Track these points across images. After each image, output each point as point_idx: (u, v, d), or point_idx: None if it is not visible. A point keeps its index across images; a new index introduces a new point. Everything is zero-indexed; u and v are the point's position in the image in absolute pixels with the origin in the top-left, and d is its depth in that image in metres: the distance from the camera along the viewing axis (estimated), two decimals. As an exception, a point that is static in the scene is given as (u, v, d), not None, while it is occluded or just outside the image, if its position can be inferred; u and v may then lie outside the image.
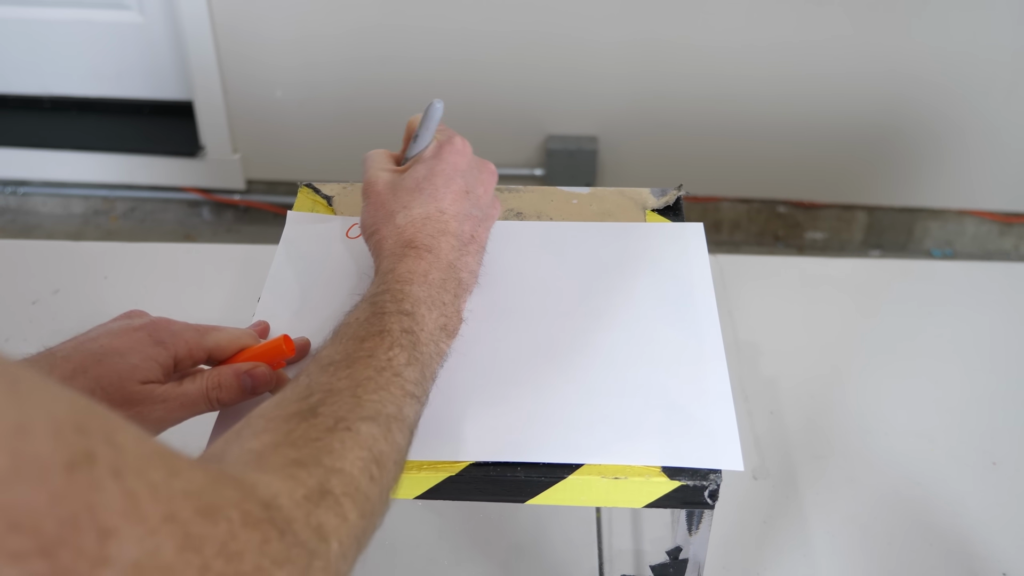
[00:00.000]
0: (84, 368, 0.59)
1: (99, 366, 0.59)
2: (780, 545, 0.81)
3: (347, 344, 0.56)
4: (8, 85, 2.39)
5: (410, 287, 0.62)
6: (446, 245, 0.66)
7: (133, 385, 0.59)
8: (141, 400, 0.59)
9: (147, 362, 0.60)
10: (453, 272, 0.65)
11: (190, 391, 0.61)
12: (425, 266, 0.64)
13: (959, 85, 2.10)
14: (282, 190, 2.39)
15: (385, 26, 2.13)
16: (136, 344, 0.61)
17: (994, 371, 0.97)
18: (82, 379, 0.58)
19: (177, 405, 0.61)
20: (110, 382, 0.59)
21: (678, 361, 0.66)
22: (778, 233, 2.37)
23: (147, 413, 0.60)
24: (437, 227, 0.66)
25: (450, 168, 0.69)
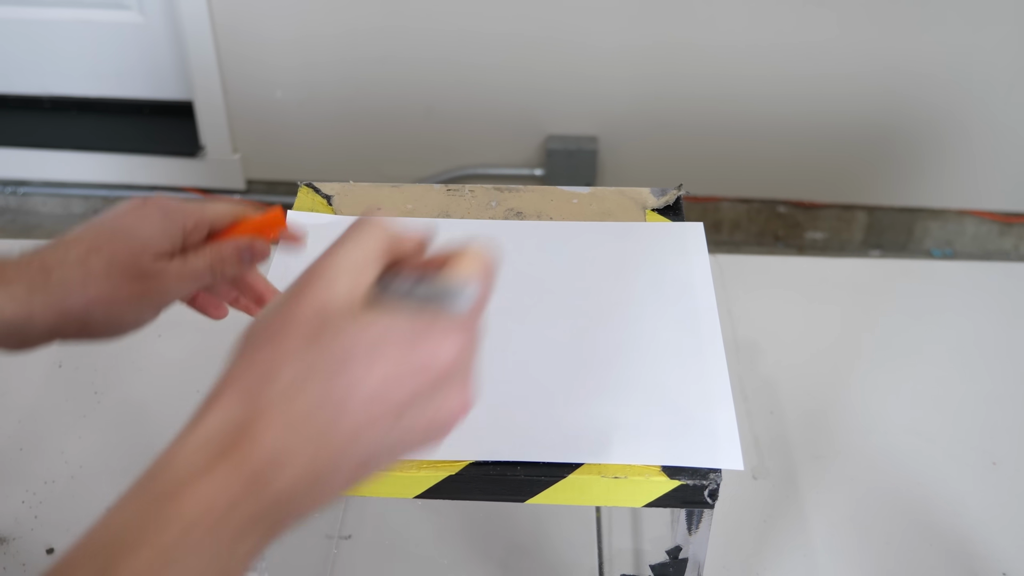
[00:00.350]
0: (98, 246, 0.60)
1: (113, 243, 0.60)
2: (780, 545, 0.81)
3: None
4: (8, 85, 2.40)
5: (167, 545, 0.37)
6: (302, 468, 0.39)
7: (147, 260, 0.60)
8: (155, 275, 0.61)
9: (159, 236, 0.61)
10: (279, 512, 0.40)
11: (197, 265, 0.63)
12: (230, 500, 0.38)
13: (959, 85, 2.10)
14: (282, 190, 2.39)
15: (385, 26, 2.13)
16: (147, 219, 0.62)
17: (994, 371, 0.97)
18: (96, 257, 0.59)
19: (187, 278, 0.62)
20: (124, 258, 0.60)
21: (678, 360, 0.66)
22: (778, 233, 2.37)
23: (157, 287, 0.61)
24: (316, 434, 0.39)
25: (416, 362, 0.41)
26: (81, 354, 0.99)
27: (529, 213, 0.81)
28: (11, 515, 0.83)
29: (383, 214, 0.46)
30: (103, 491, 0.85)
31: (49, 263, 0.59)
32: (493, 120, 2.23)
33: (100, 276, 0.59)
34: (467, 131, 2.26)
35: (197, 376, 0.95)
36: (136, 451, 0.89)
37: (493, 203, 0.82)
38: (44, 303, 0.58)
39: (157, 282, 0.61)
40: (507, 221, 0.80)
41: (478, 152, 2.29)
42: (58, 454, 0.89)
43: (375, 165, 2.32)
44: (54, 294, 0.58)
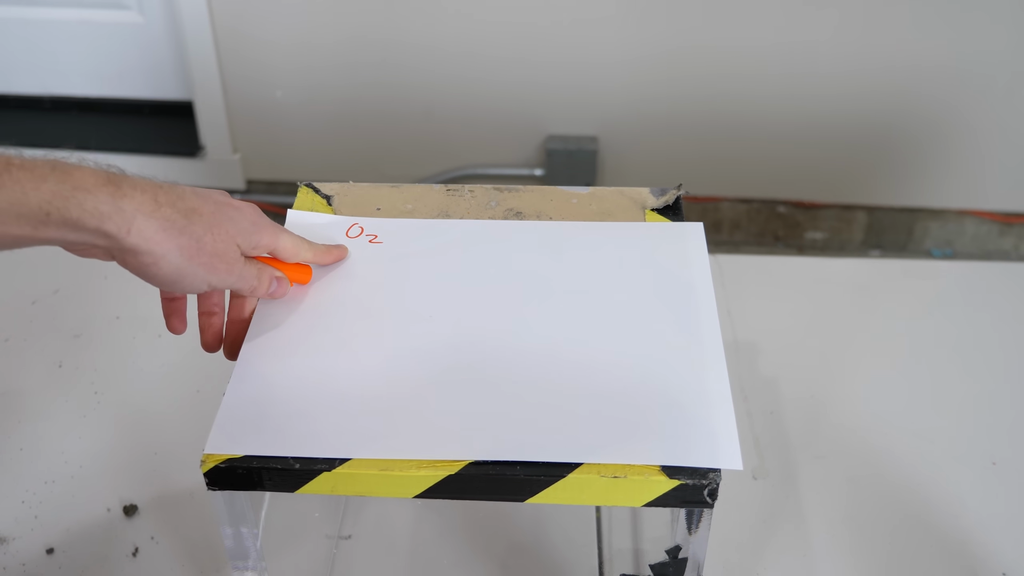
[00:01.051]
0: (202, 211, 0.63)
1: (216, 215, 0.64)
2: (780, 545, 0.81)
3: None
4: (8, 85, 2.40)
5: None
6: None
7: (232, 245, 0.65)
8: (230, 261, 0.65)
9: (243, 235, 0.66)
10: None
11: (249, 273, 0.68)
12: None
13: (959, 85, 2.10)
14: (282, 190, 2.39)
15: (385, 26, 2.13)
16: (242, 216, 0.67)
17: (994, 371, 0.97)
18: (199, 216, 0.63)
19: (239, 277, 0.67)
20: (218, 231, 0.64)
21: (678, 360, 0.66)
22: (778, 233, 2.37)
23: (225, 273, 0.65)
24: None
25: None
26: (81, 354, 0.99)
27: (529, 213, 0.81)
28: (11, 515, 0.83)
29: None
30: (103, 491, 0.85)
31: (161, 199, 0.62)
32: (493, 120, 2.24)
33: (197, 231, 0.63)
34: (467, 131, 2.26)
35: (197, 376, 0.95)
36: (136, 451, 0.89)
37: (493, 203, 0.82)
38: (188, 240, 0.62)
39: (228, 265, 0.65)
40: (507, 221, 0.80)
41: (478, 152, 2.29)
42: (58, 454, 0.89)
43: (375, 165, 2.32)
44: (193, 235, 0.62)
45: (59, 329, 1.02)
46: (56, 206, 0.57)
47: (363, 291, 0.73)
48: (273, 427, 0.62)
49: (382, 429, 0.62)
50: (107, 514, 0.84)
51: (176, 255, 0.62)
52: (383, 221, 0.80)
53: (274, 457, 0.60)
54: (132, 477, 0.86)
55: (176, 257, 0.62)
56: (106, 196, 0.59)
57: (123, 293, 1.05)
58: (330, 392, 0.65)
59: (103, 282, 1.06)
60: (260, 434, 0.62)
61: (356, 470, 0.60)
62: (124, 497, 0.85)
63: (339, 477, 0.60)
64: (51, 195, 0.57)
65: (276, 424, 0.62)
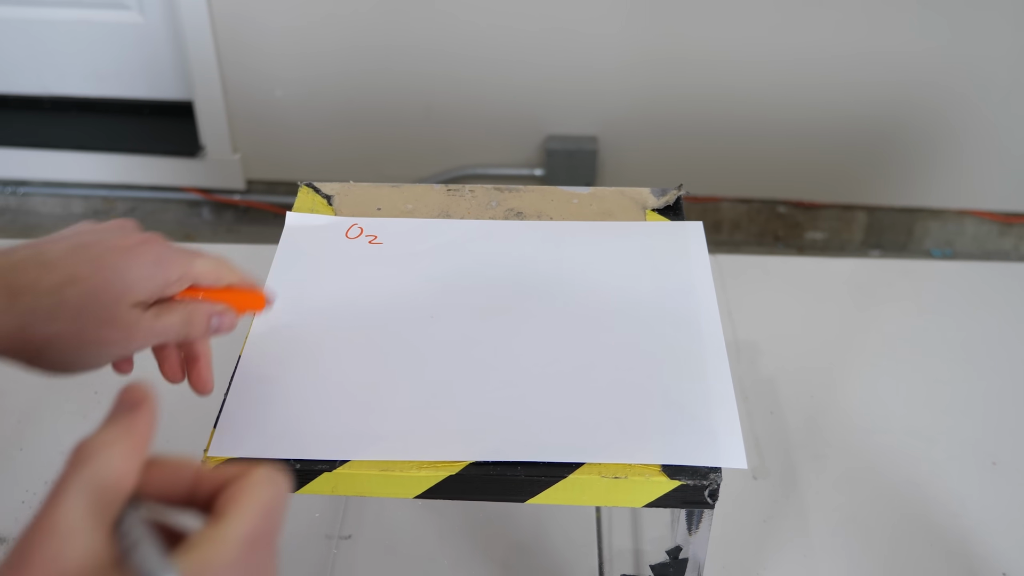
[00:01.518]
0: (77, 278, 0.54)
1: (94, 279, 0.55)
2: (780, 545, 0.81)
3: None
4: (8, 85, 2.40)
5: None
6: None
7: (123, 307, 0.56)
8: (128, 324, 0.56)
9: (143, 283, 0.57)
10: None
11: (169, 322, 0.59)
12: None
13: (959, 85, 2.10)
14: (282, 190, 2.39)
15: (385, 27, 2.13)
16: (137, 262, 0.57)
17: (994, 371, 0.97)
18: (73, 290, 0.54)
19: (152, 334, 0.58)
20: (102, 300, 0.55)
21: (679, 359, 0.66)
22: (778, 233, 2.37)
23: (130, 338, 0.56)
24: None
25: None
26: (81, 354, 0.99)
27: (529, 213, 0.81)
28: (11, 515, 0.83)
29: None
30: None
31: (20, 285, 0.53)
32: (493, 120, 2.24)
33: (70, 313, 0.54)
34: (467, 131, 2.26)
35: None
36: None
37: (493, 203, 0.82)
38: (2, 327, 0.53)
39: (126, 332, 0.56)
40: (507, 221, 0.80)
41: (478, 152, 2.29)
42: (58, 454, 0.89)
43: (375, 165, 2.32)
44: (16, 320, 0.53)
45: (59, 329, 1.01)
46: None
47: (363, 291, 0.73)
48: (274, 428, 0.62)
49: (383, 430, 0.62)
50: (107, 514, 0.83)
51: (57, 344, 0.53)
52: (383, 221, 0.80)
53: (275, 458, 0.60)
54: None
55: (57, 346, 0.54)
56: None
57: (123, 293, 1.05)
58: (331, 393, 0.65)
59: (103, 282, 1.06)
60: (262, 436, 0.62)
61: (357, 470, 0.60)
62: (124, 497, 0.85)
63: (340, 477, 0.60)
64: None
65: (277, 425, 0.62)
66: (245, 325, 0.71)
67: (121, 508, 0.35)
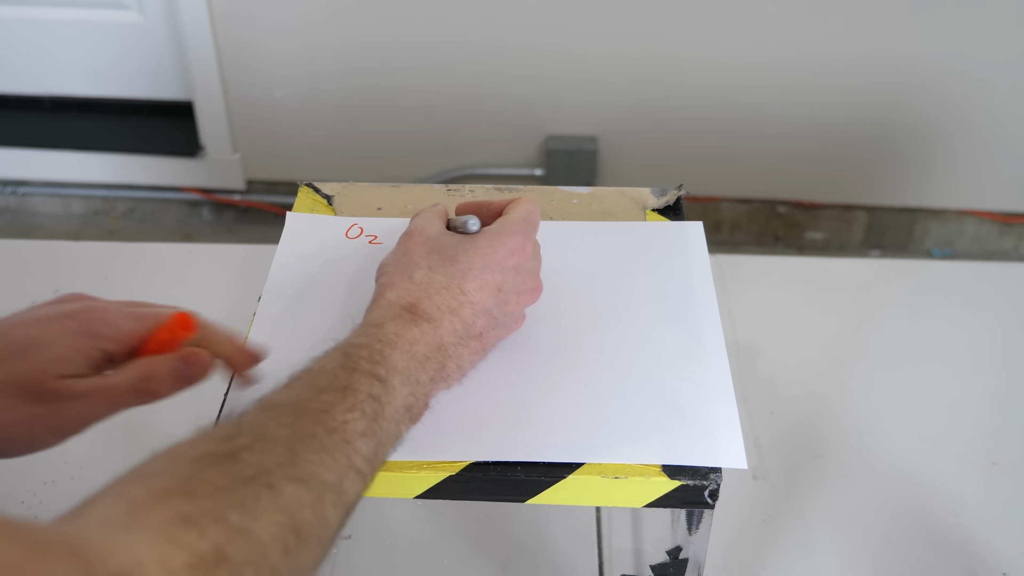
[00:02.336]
0: (1, 359, 0.53)
1: (17, 358, 0.54)
2: (780, 545, 0.81)
3: (301, 390, 0.49)
4: (8, 85, 2.40)
5: (392, 351, 0.54)
6: (448, 325, 0.58)
7: (50, 380, 0.54)
8: (58, 396, 0.54)
9: (72, 354, 0.55)
10: (440, 355, 0.58)
11: (117, 384, 0.55)
12: (416, 334, 0.56)
13: (959, 85, 2.10)
14: (282, 190, 2.39)
15: (385, 26, 2.13)
16: (63, 334, 0.55)
17: (994, 371, 0.97)
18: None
19: (100, 401, 0.55)
20: (26, 375, 0.53)
21: (679, 359, 0.66)
22: (778, 233, 2.37)
23: (64, 411, 0.54)
24: (449, 303, 0.59)
25: (496, 258, 0.61)
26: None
27: (529, 213, 0.81)
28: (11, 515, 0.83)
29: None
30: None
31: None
32: (493, 120, 2.24)
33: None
34: (467, 131, 2.26)
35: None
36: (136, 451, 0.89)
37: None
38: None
39: (62, 403, 0.54)
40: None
41: (478, 152, 2.29)
42: (58, 454, 0.88)
43: (375, 165, 2.32)
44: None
45: (59, 329, 1.01)
46: None
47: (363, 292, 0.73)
48: (273, 427, 0.62)
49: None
50: (107, 514, 0.83)
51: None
52: (383, 221, 0.80)
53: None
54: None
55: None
56: None
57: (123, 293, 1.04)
58: (330, 392, 0.64)
59: (103, 282, 1.06)
60: (260, 434, 0.62)
61: (356, 470, 0.59)
62: (124, 497, 0.85)
63: (339, 477, 0.60)
64: None
65: (276, 424, 0.62)
66: (245, 325, 0.71)
67: (444, 220, 0.67)
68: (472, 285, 0.60)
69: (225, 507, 0.38)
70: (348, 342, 0.55)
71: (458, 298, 0.59)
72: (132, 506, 0.37)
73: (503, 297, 0.61)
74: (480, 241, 0.62)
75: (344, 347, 0.54)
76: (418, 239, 0.63)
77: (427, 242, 0.63)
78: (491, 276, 0.61)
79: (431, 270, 0.60)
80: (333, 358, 0.53)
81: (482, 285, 0.60)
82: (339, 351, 0.54)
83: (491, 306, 0.61)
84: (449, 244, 0.62)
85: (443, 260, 0.61)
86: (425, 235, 0.64)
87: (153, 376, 0.56)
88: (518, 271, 0.62)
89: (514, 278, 0.62)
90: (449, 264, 0.60)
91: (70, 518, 0.37)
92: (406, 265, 0.61)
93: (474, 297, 0.60)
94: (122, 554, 0.33)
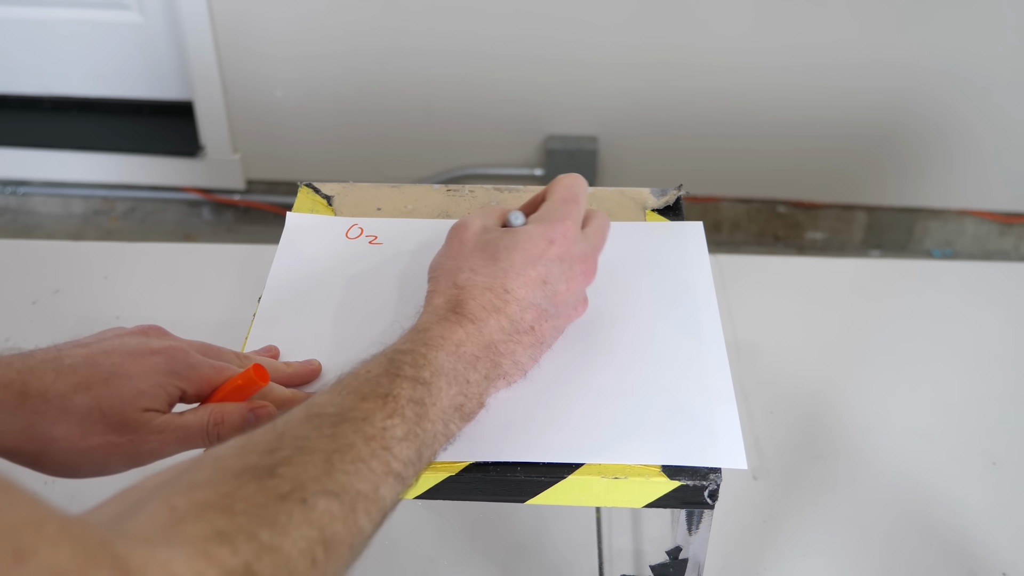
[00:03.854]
0: (89, 385, 0.56)
1: (105, 386, 0.56)
2: (780, 545, 0.81)
3: (346, 398, 0.51)
4: (8, 85, 2.40)
5: (436, 354, 0.56)
6: (495, 324, 0.59)
7: (133, 411, 0.57)
8: (137, 428, 0.57)
9: (155, 389, 0.58)
10: (491, 353, 0.59)
11: (191, 424, 0.59)
12: (462, 336, 0.58)
13: (959, 85, 2.10)
14: (282, 190, 2.39)
15: (385, 26, 2.13)
16: (150, 369, 0.58)
17: (994, 371, 0.97)
18: (84, 396, 0.56)
19: (174, 438, 0.58)
20: (111, 404, 0.56)
21: (679, 360, 0.66)
22: (778, 233, 2.37)
23: (140, 442, 0.57)
24: (493, 303, 0.60)
25: (536, 251, 0.62)
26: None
27: (529, 213, 0.81)
28: (11, 515, 0.83)
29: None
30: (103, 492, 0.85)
31: (32, 389, 0.55)
32: (493, 120, 2.24)
33: (77, 417, 0.55)
34: (467, 131, 2.26)
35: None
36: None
37: (493, 203, 0.82)
38: (6, 425, 0.54)
39: (140, 435, 0.57)
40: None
41: (478, 152, 2.29)
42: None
43: (375, 165, 2.32)
44: (21, 421, 0.55)
45: (59, 329, 1.01)
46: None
47: (363, 292, 0.73)
48: (273, 427, 0.62)
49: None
50: (107, 514, 0.83)
51: (59, 446, 0.55)
52: (383, 221, 0.80)
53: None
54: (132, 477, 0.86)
55: (58, 448, 0.55)
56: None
57: (123, 293, 1.05)
58: (330, 392, 0.64)
59: (103, 282, 1.06)
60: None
61: (356, 470, 0.59)
62: (124, 497, 0.85)
63: (339, 477, 0.60)
64: None
65: (276, 424, 0.62)
66: (245, 326, 0.71)
67: (497, 218, 0.67)
68: (515, 283, 0.61)
69: (258, 525, 0.40)
70: (394, 348, 0.56)
71: (502, 296, 0.60)
72: (174, 517, 0.39)
73: (550, 288, 0.62)
74: (520, 236, 0.62)
75: (390, 352, 0.55)
76: (465, 235, 0.64)
77: (472, 238, 0.64)
78: (533, 271, 0.61)
79: (474, 272, 0.61)
80: (379, 363, 0.54)
81: (525, 281, 0.61)
82: (385, 356, 0.55)
83: (538, 299, 0.61)
84: (492, 241, 0.63)
85: (486, 259, 0.62)
86: (471, 230, 0.64)
87: (223, 422, 0.59)
88: (563, 259, 0.63)
89: (559, 267, 0.62)
90: (491, 263, 0.61)
91: (120, 519, 0.40)
92: (451, 269, 0.62)
93: (519, 294, 0.60)
94: (159, 568, 0.35)
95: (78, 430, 0.55)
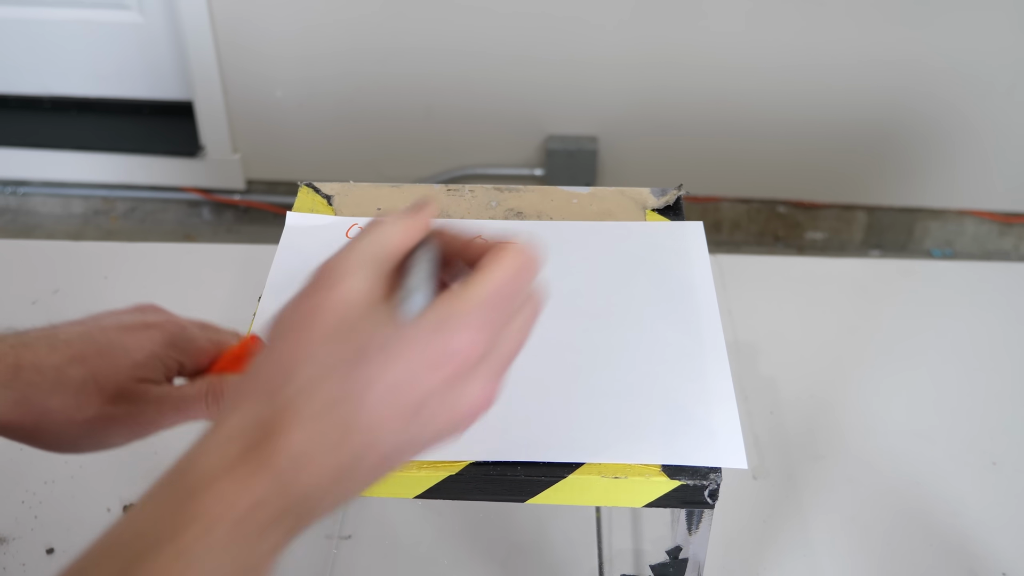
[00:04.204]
0: (84, 357, 0.55)
1: (100, 358, 0.55)
2: (780, 545, 0.81)
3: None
4: (8, 85, 2.40)
5: (206, 537, 0.38)
6: (318, 471, 0.40)
7: (129, 382, 0.56)
8: (134, 398, 0.56)
9: (151, 360, 0.57)
10: (301, 507, 0.40)
11: (189, 394, 0.57)
12: (259, 494, 0.39)
13: (959, 85, 2.10)
14: (282, 190, 2.39)
15: (385, 26, 2.13)
16: (146, 341, 0.57)
17: (994, 371, 0.97)
18: (78, 368, 0.55)
19: (171, 408, 0.57)
20: (106, 375, 0.55)
21: (679, 359, 0.66)
22: (778, 233, 2.37)
23: (138, 414, 0.56)
24: (330, 439, 0.40)
25: (421, 368, 0.41)
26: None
27: (529, 213, 0.81)
28: (11, 515, 0.83)
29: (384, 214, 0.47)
30: (103, 491, 0.85)
31: (26, 362, 0.54)
32: (493, 120, 2.24)
33: (71, 389, 0.54)
34: (467, 131, 2.26)
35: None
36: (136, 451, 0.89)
37: (493, 203, 0.82)
38: (1, 398, 0.53)
39: (137, 406, 0.56)
40: (507, 221, 0.80)
41: (478, 152, 2.29)
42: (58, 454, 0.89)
43: (375, 165, 2.32)
44: (15, 394, 0.54)
45: (59, 329, 1.01)
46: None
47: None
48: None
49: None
50: (107, 514, 0.83)
51: (54, 419, 0.54)
52: (383, 221, 0.79)
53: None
54: (132, 477, 0.86)
55: (54, 420, 0.54)
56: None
57: (123, 293, 1.05)
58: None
59: (103, 282, 1.06)
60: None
61: (356, 470, 0.59)
62: (124, 497, 0.85)
63: (339, 477, 0.60)
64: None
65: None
66: (245, 326, 0.71)
67: (394, 264, 0.45)
68: (372, 412, 0.41)
69: None
70: (133, 518, 0.39)
71: (345, 433, 0.40)
72: None
73: (425, 418, 0.42)
74: (405, 339, 0.41)
75: (120, 529, 0.40)
76: (324, 303, 0.42)
77: (334, 314, 0.42)
78: (408, 395, 0.41)
79: (314, 380, 0.41)
80: (89, 556, 0.39)
81: (388, 413, 0.41)
82: (110, 537, 0.39)
83: (401, 434, 0.42)
84: (360, 330, 0.41)
85: (340, 359, 0.41)
86: (337, 297, 0.42)
87: (221, 392, 0.58)
88: (456, 384, 0.42)
89: (448, 395, 0.42)
90: (346, 368, 0.41)
91: None
92: (290, 358, 0.41)
93: (371, 433, 0.41)
94: None
95: (73, 401, 0.54)
